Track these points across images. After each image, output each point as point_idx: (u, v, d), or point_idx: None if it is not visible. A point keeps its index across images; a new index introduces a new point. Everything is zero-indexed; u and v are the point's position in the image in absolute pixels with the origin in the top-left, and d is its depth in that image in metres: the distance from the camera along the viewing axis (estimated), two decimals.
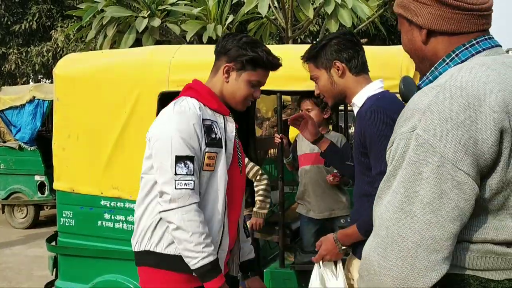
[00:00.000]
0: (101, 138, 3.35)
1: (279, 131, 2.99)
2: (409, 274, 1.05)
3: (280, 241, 2.98)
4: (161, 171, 1.91)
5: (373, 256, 1.10)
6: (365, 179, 2.04)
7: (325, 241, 2.14)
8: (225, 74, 2.04)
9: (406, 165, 1.08)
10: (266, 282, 2.98)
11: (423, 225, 1.05)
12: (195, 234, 1.84)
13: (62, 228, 3.56)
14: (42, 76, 15.91)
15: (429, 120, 1.07)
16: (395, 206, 1.08)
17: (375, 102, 1.98)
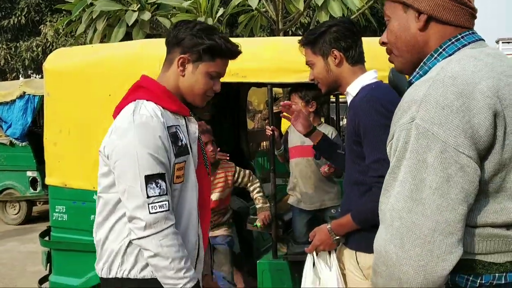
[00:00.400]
0: (92, 132, 3.34)
1: (270, 123, 3.01)
2: (429, 260, 1.08)
3: (272, 232, 3.00)
4: (129, 195, 1.68)
5: (389, 249, 1.12)
6: (356, 168, 2.06)
7: (318, 232, 2.15)
8: (180, 67, 1.82)
9: (410, 154, 1.12)
10: (259, 273, 3.01)
11: (435, 210, 1.08)
12: (175, 260, 1.68)
13: (55, 223, 3.56)
14: (32, 71, 15.79)
15: (426, 110, 1.11)
16: (405, 195, 1.11)
17: (370, 92, 2.00)
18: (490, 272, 1.16)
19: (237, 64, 3.01)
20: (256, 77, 2.98)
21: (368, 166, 1.96)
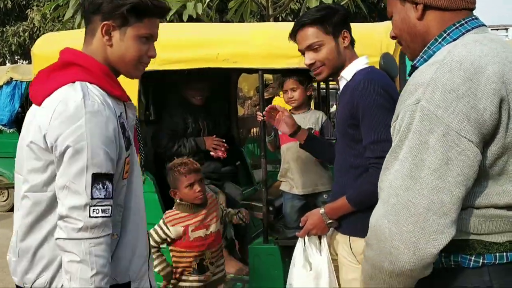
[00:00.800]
0: None
1: (261, 109, 3.00)
2: (420, 237, 1.12)
3: (263, 217, 3.02)
4: (70, 192, 1.45)
5: (383, 224, 1.17)
6: (351, 152, 2.06)
7: (311, 216, 2.14)
8: (105, 36, 1.58)
9: (413, 135, 1.15)
10: (250, 258, 3.04)
11: (431, 190, 1.12)
12: (98, 275, 1.44)
13: None
14: (19, 57, 15.57)
15: (432, 93, 1.14)
16: (404, 174, 1.15)
17: (368, 75, 2.00)
18: (491, 252, 1.20)
19: (228, 49, 3.02)
20: (247, 63, 2.98)
21: (365, 147, 1.96)
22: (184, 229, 2.65)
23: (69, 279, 1.46)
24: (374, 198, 1.93)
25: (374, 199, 1.92)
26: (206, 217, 2.72)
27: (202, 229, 2.69)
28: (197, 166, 2.73)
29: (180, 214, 2.68)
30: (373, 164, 1.93)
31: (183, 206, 2.70)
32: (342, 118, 2.08)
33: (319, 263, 2.14)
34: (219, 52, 2.99)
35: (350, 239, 2.07)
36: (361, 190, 1.98)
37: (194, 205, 2.70)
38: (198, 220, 2.68)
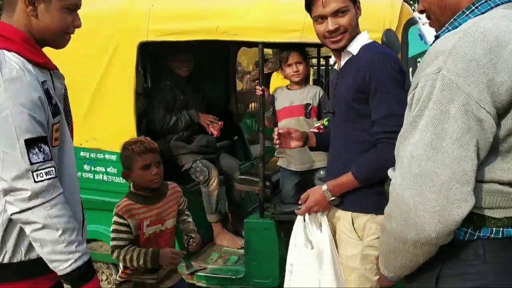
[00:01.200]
0: (79, 89, 3.28)
1: (261, 84, 2.98)
2: (445, 206, 1.14)
3: (260, 192, 3.02)
4: (7, 163, 1.43)
5: (406, 194, 1.17)
6: (356, 127, 2.02)
7: (312, 193, 2.10)
8: (29, 6, 1.54)
9: (433, 104, 1.15)
10: (245, 232, 3.05)
11: (453, 159, 1.13)
12: (66, 232, 1.48)
13: None
14: None
15: (454, 62, 1.13)
16: (425, 144, 1.15)
17: (379, 49, 1.97)
18: (488, 226, 1.21)
19: (228, 22, 2.97)
20: (247, 36, 2.93)
21: (375, 121, 1.93)
22: (139, 223, 2.31)
23: (40, 246, 1.48)
24: (383, 173, 1.91)
25: (383, 174, 1.92)
26: (163, 210, 2.41)
27: (157, 225, 2.38)
28: (155, 146, 2.41)
29: (134, 206, 2.33)
30: (383, 139, 1.91)
31: (137, 197, 2.36)
32: (345, 93, 2.02)
33: (320, 241, 2.11)
34: (219, 24, 2.94)
35: (352, 215, 2.06)
36: (370, 165, 1.94)
37: (149, 196, 2.38)
38: (154, 214, 2.36)
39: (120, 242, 2.30)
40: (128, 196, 2.38)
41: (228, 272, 3.18)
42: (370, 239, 2.03)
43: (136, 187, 2.40)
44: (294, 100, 3.09)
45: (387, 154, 1.83)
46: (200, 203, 3.69)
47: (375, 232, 2.02)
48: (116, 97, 3.18)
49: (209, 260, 3.35)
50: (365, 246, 2.04)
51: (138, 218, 2.31)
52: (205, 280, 3.20)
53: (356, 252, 2.06)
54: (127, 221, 2.29)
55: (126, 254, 2.28)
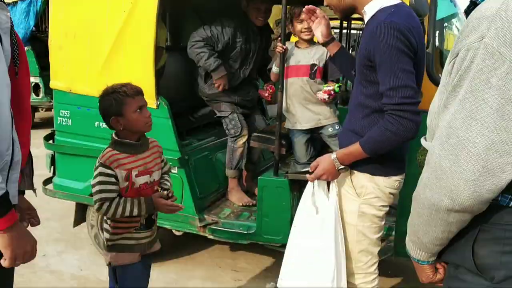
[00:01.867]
0: (98, 37, 3.27)
1: (283, 41, 2.93)
2: (480, 175, 1.12)
3: (275, 150, 3.03)
4: None
5: (444, 163, 1.17)
6: (363, 90, 2.04)
7: (322, 161, 2.12)
8: None
9: (474, 74, 1.11)
10: (259, 189, 3.07)
11: (492, 129, 1.10)
12: None
13: (59, 127, 3.59)
14: None
15: (498, 28, 1.08)
16: (465, 114, 1.13)
17: (388, 17, 1.90)
18: None
19: None
20: None
21: (383, 93, 1.92)
22: (127, 174, 2.16)
23: None
24: (389, 146, 1.95)
25: (389, 147, 1.95)
26: (150, 161, 2.27)
27: (146, 175, 2.23)
28: (141, 89, 2.26)
29: (119, 155, 2.16)
30: (390, 111, 1.90)
31: (123, 146, 2.20)
32: (360, 57, 2.03)
33: (326, 208, 2.15)
34: None
35: (351, 173, 2.11)
36: (376, 137, 1.95)
37: (134, 144, 2.23)
38: (141, 164, 2.21)
39: (109, 194, 2.12)
40: (112, 146, 2.21)
41: (240, 227, 3.23)
42: (368, 197, 2.10)
43: (120, 135, 2.23)
44: (301, 59, 3.06)
45: (393, 127, 1.90)
46: (216, 157, 3.74)
47: (372, 192, 2.09)
48: (136, 48, 3.16)
49: (221, 215, 3.40)
50: (362, 203, 2.11)
51: (125, 168, 2.15)
52: (217, 233, 3.26)
53: (354, 209, 2.12)
54: (114, 172, 2.13)
55: (118, 206, 2.13)
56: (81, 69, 3.38)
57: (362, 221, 2.13)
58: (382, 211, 2.14)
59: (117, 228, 2.24)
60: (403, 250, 1.52)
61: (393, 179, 2.09)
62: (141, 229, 2.26)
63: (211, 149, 3.74)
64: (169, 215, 3.29)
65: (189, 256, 3.75)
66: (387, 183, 2.09)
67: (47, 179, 3.78)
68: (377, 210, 2.12)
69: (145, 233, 2.28)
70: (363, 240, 2.15)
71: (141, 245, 2.28)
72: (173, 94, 3.59)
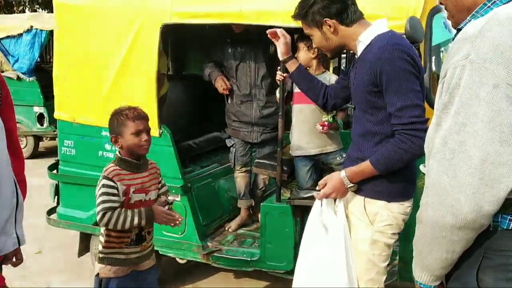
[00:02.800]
0: (102, 68, 3.34)
1: (282, 70, 2.98)
2: (479, 187, 1.15)
3: (277, 176, 3.05)
4: None
5: (443, 179, 1.20)
6: (370, 118, 2.06)
7: (330, 180, 2.13)
8: None
9: (463, 89, 1.17)
10: (262, 215, 3.08)
11: (486, 142, 1.15)
12: None
13: (63, 157, 3.62)
14: (39, 6, 15.50)
15: (481, 46, 1.15)
16: (458, 129, 1.17)
17: (390, 40, 1.96)
18: None
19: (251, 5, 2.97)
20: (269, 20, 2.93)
21: (393, 114, 1.95)
22: (126, 188, 2.30)
23: None
24: (400, 163, 1.97)
25: (400, 164, 1.96)
26: (147, 181, 2.40)
27: (142, 193, 2.36)
28: (147, 114, 2.42)
29: (121, 171, 2.32)
30: (400, 131, 1.93)
31: (124, 163, 2.35)
32: (361, 84, 2.05)
33: (335, 227, 2.13)
34: (242, 8, 2.95)
35: (365, 200, 2.09)
36: (388, 155, 1.97)
37: (135, 163, 2.36)
38: (139, 183, 2.36)
39: (112, 204, 2.25)
40: (115, 162, 2.37)
41: (243, 254, 3.23)
42: (381, 225, 2.08)
43: (123, 154, 2.38)
44: None
45: (404, 145, 1.93)
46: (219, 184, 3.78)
47: (386, 219, 2.07)
48: (138, 78, 3.22)
49: (224, 242, 3.40)
50: (376, 231, 2.09)
51: (125, 184, 2.30)
52: (221, 261, 3.26)
53: (366, 236, 2.10)
54: (116, 184, 2.27)
55: (119, 215, 2.24)
56: (85, 99, 3.44)
57: (373, 249, 2.10)
58: (393, 239, 2.12)
59: (109, 242, 2.35)
60: (407, 275, 1.53)
61: (406, 205, 2.10)
62: (131, 244, 2.37)
63: (213, 176, 3.76)
64: (172, 243, 3.31)
65: (193, 285, 3.73)
66: (400, 210, 2.08)
67: (51, 208, 3.81)
68: (389, 238, 2.11)
69: (134, 249, 2.38)
70: (372, 269, 2.12)
71: (130, 260, 2.37)
72: (175, 122, 3.64)
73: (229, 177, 3.89)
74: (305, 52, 3.10)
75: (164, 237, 3.33)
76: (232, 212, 3.83)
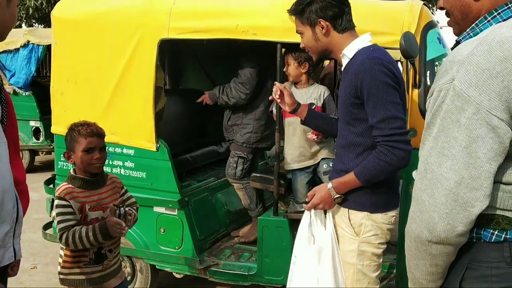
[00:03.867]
0: (99, 83, 3.35)
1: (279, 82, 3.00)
2: (453, 209, 1.20)
3: (274, 190, 3.05)
4: None
5: (423, 197, 1.25)
6: (352, 130, 2.11)
7: (319, 190, 2.19)
8: None
9: (445, 114, 1.21)
10: (259, 229, 3.08)
11: (462, 166, 1.19)
12: None
13: (60, 172, 3.62)
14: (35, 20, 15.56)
15: (466, 71, 1.17)
16: (437, 151, 1.22)
17: (371, 53, 2.03)
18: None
19: (248, 21, 3.00)
20: (266, 35, 2.97)
21: (374, 126, 2.00)
22: (81, 206, 2.26)
23: None
24: (382, 175, 2.01)
25: (383, 176, 2.01)
26: (104, 197, 2.35)
27: (99, 210, 2.31)
28: (102, 131, 2.38)
29: (74, 189, 2.28)
30: (381, 142, 1.98)
31: (78, 181, 2.31)
32: (344, 97, 2.12)
33: (323, 237, 2.19)
34: (239, 23, 2.98)
35: (349, 212, 2.14)
36: (370, 167, 2.02)
37: (89, 180, 2.32)
38: (95, 200, 2.31)
39: (69, 223, 2.22)
40: (68, 180, 2.34)
41: (241, 268, 3.22)
42: (367, 235, 2.13)
43: (76, 171, 2.36)
44: (298, 99, 3.12)
45: (386, 157, 1.99)
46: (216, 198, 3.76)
47: (371, 229, 2.12)
48: (136, 93, 3.24)
49: (222, 256, 3.40)
50: (361, 242, 2.13)
51: (79, 201, 2.26)
52: (218, 275, 3.24)
53: (353, 248, 2.14)
54: (69, 203, 2.24)
55: (75, 234, 2.19)
56: (82, 114, 3.43)
57: (362, 260, 2.14)
58: (381, 249, 2.16)
59: (66, 262, 2.32)
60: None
61: (390, 215, 2.14)
62: (90, 263, 2.32)
63: (210, 190, 3.76)
64: (169, 258, 3.30)
65: None
66: (384, 219, 2.13)
67: (47, 223, 3.78)
68: (376, 248, 2.14)
69: (95, 268, 2.33)
70: (363, 279, 2.16)
71: (92, 279, 2.32)
72: (172, 136, 3.65)
73: (226, 191, 3.89)
74: (296, 67, 3.13)
75: (160, 252, 3.32)
76: (229, 226, 3.82)
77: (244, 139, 3.62)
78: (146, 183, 3.31)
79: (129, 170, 3.34)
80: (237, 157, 3.63)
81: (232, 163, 3.64)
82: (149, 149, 3.25)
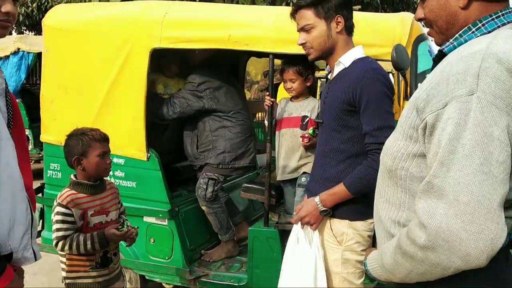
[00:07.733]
0: (90, 92, 3.34)
1: (271, 94, 3.01)
2: (497, 233, 1.08)
3: (265, 201, 3.04)
4: None
5: (456, 225, 1.09)
6: (338, 136, 2.11)
7: (306, 204, 2.18)
8: None
9: (475, 127, 1.09)
10: (249, 240, 3.06)
11: (501, 183, 1.09)
12: None
13: (49, 180, 3.58)
14: (26, 28, 15.50)
15: (487, 83, 1.10)
16: (474, 169, 1.09)
17: (371, 64, 2.06)
18: None
19: (240, 31, 3.01)
20: (258, 46, 2.97)
21: (368, 133, 2.01)
22: (82, 213, 2.26)
23: None
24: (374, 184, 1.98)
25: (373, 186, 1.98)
26: (107, 201, 2.38)
27: (102, 215, 2.34)
28: (108, 137, 2.39)
29: (78, 195, 2.28)
30: (375, 150, 1.99)
31: (81, 186, 2.31)
32: (335, 102, 2.10)
33: (307, 255, 2.17)
34: (231, 33, 2.99)
35: (330, 221, 2.14)
36: (362, 177, 2.02)
37: (93, 185, 2.34)
38: (98, 204, 2.33)
39: (66, 233, 2.22)
40: (70, 186, 2.33)
41: (231, 279, 3.20)
42: (349, 243, 2.13)
43: (78, 177, 2.34)
44: (293, 112, 3.14)
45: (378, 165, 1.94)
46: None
47: (353, 237, 2.12)
48: (127, 102, 3.22)
49: (212, 267, 3.37)
50: (344, 250, 2.14)
51: (82, 208, 2.26)
52: (208, 286, 3.22)
53: (337, 257, 2.14)
54: (71, 211, 2.23)
55: (72, 242, 2.20)
56: (72, 122, 3.38)
57: (346, 268, 2.14)
58: (364, 255, 2.15)
59: (72, 265, 2.30)
60: None
61: (369, 222, 2.13)
62: (97, 267, 2.32)
63: None
64: (159, 268, 3.27)
65: None
66: (364, 227, 2.13)
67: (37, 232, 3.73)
68: (359, 255, 2.14)
69: (102, 271, 2.33)
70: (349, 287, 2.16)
71: (98, 283, 2.33)
72: (163, 145, 3.63)
73: None
74: (302, 82, 3.08)
75: (150, 262, 3.29)
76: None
77: (219, 160, 3.47)
78: (136, 192, 3.28)
79: (120, 180, 3.31)
80: (207, 179, 3.46)
81: (202, 184, 3.46)
82: (140, 159, 3.24)
